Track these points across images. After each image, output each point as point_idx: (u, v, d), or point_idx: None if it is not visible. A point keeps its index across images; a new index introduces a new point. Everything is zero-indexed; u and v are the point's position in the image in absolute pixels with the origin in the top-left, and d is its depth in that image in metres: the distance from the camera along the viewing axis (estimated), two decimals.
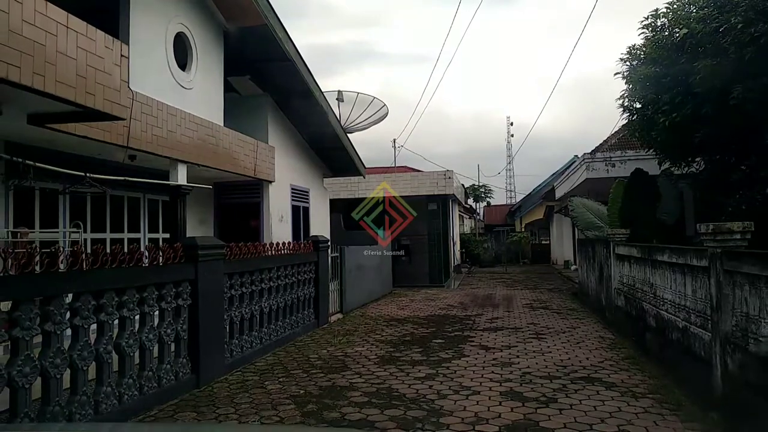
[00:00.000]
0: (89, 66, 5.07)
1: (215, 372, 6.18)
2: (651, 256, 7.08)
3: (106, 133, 6.37)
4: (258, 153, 10.22)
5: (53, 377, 4.10)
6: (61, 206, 7.46)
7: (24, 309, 3.86)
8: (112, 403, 4.67)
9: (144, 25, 7.42)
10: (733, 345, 4.50)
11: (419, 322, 9.96)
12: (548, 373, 6.08)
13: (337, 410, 4.92)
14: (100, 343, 4.60)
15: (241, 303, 6.96)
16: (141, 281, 5.08)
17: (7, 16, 4.21)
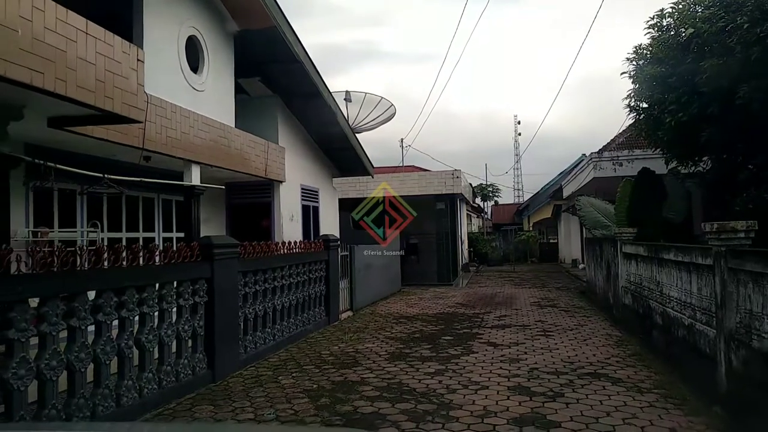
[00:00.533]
0: (107, 71, 5.23)
1: (230, 367, 6.35)
2: (657, 255, 7.16)
3: (122, 135, 6.54)
4: (269, 154, 10.38)
5: (78, 371, 4.28)
6: (78, 206, 7.65)
7: (51, 305, 4.04)
8: (132, 397, 4.84)
9: (157, 29, 7.59)
10: (737, 341, 4.59)
11: (428, 320, 10.10)
12: (555, 369, 6.20)
13: (350, 404, 5.07)
14: (122, 339, 4.78)
15: (254, 300, 7.13)
16: (160, 279, 5.26)
17: (31, 24, 4.37)
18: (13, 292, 3.74)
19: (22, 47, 4.21)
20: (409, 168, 25.34)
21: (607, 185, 14.73)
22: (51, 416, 3.99)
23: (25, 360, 3.80)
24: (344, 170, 15.02)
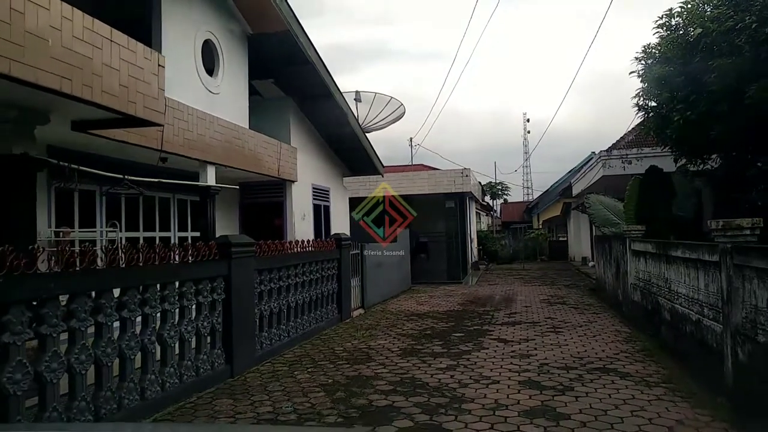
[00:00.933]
0: (131, 76, 5.43)
1: (247, 363, 6.53)
2: (666, 252, 7.26)
3: (141, 137, 6.74)
4: (281, 154, 10.57)
5: (105, 365, 4.47)
6: (97, 207, 7.87)
7: (79, 302, 4.23)
8: (155, 390, 5.03)
9: (174, 33, 7.79)
10: (743, 336, 4.70)
11: (439, 317, 10.24)
12: (565, 364, 6.32)
13: (365, 397, 5.23)
14: (145, 334, 4.97)
15: (269, 298, 7.31)
16: (181, 276, 5.45)
17: (60, 34, 4.56)
18: (45, 289, 3.94)
19: (53, 55, 4.41)
20: (419, 167, 25.46)
21: (617, 183, 14.79)
22: (81, 408, 4.19)
23: (56, 354, 4.00)
24: (355, 170, 15.18)
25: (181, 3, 8.01)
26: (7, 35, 4.03)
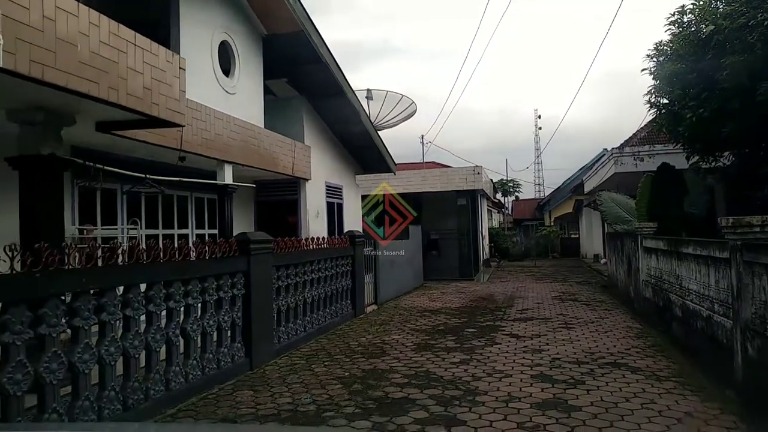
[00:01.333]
0: (153, 79, 5.62)
1: (265, 356, 6.72)
2: (677, 249, 7.33)
3: (161, 137, 6.94)
4: (295, 152, 10.75)
5: (132, 357, 4.66)
6: (119, 205, 8.09)
7: (109, 296, 4.43)
8: (179, 382, 5.22)
9: (192, 35, 7.99)
10: (752, 331, 4.78)
11: (451, 313, 10.37)
12: (577, 359, 6.43)
13: (381, 389, 5.38)
14: (169, 328, 5.16)
15: (286, 293, 7.49)
16: (203, 272, 5.64)
17: (88, 39, 4.75)
18: (77, 284, 4.14)
19: (81, 60, 4.60)
20: (431, 164, 25.58)
21: (629, 180, 14.81)
22: (110, 397, 4.38)
23: (88, 346, 4.19)
24: (367, 168, 15.33)
25: (198, 5, 8.20)
26: (40, 42, 4.22)
